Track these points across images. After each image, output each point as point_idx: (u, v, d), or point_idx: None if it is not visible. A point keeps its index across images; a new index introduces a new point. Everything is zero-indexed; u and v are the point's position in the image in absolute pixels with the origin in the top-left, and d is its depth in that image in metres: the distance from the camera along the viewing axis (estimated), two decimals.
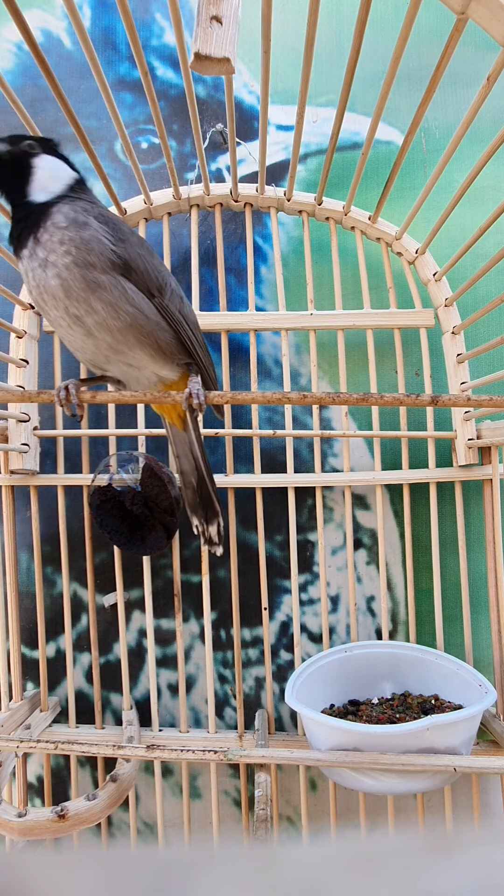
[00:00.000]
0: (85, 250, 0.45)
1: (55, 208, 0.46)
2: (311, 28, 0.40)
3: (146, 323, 0.48)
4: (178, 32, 0.40)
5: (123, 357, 0.50)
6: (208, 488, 0.62)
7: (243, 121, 0.75)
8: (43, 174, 0.48)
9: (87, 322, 0.47)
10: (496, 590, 0.66)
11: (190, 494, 0.62)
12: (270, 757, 0.52)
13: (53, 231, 0.45)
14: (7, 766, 0.57)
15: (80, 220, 0.46)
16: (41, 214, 0.46)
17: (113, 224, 0.48)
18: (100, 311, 0.46)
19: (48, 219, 0.46)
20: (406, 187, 0.74)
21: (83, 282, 0.45)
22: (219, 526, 0.63)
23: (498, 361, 0.73)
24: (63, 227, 0.45)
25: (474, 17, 0.36)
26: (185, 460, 0.61)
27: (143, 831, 0.72)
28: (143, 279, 0.48)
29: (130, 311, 0.47)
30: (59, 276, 0.45)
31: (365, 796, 0.67)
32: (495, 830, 0.15)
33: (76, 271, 0.45)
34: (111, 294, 0.46)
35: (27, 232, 0.46)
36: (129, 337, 0.48)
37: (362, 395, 0.46)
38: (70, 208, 0.46)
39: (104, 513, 0.65)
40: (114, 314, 0.46)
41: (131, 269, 0.48)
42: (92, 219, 0.47)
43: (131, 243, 0.48)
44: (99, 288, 0.46)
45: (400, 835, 0.35)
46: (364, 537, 0.73)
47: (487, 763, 0.49)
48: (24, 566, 0.73)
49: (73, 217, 0.46)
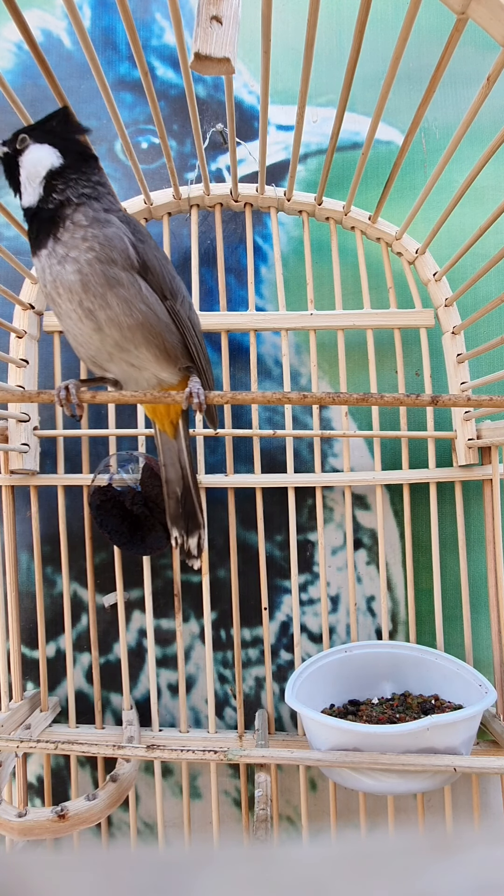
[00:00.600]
0: (108, 247, 0.46)
1: (71, 208, 0.46)
2: (311, 28, 0.40)
3: (157, 323, 0.48)
4: (178, 32, 0.40)
5: (127, 356, 0.49)
6: (193, 499, 0.61)
7: (243, 121, 0.75)
8: (25, 173, 0.48)
9: (99, 316, 0.47)
10: (496, 590, 0.66)
11: (173, 504, 0.61)
12: (270, 757, 0.52)
13: (75, 229, 0.46)
14: (7, 766, 0.57)
15: (103, 218, 0.46)
16: (57, 214, 0.46)
17: (133, 224, 0.48)
18: (114, 306, 0.46)
19: (67, 218, 0.46)
20: (406, 187, 0.74)
21: (103, 277, 0.46)
22: (199, 538, 0.61)
23: (498, 361, 0.73)
24: (85, 225, 0.46)
25: (474, 17, 0.36)
26: (172, 469, 0.60)
27: (143, 831, 0.72)
28: (157, 280, 0.49)
29: (143, 310, 0.47)
30: (79, 272, 0.45)
31: (365, 796, 0.67)
32: (495, 830, 0.15)
33: (97, 267, 0.45)
34: (128, 291, 0.46)
35: (45, 232, 0.47)
36: (138, 335, 0.48)
37: (362, 395, 0.46)
38: (89, 206, 0.47)
39: (104, 513, 0.65)
40: (127, 311, 0.47)
41: (148, 269, 0.48)
42: (114, 217, 0.47)
43: (149, 245, 0.49)
44: (118, 284, 0.46)
45: (400, 835, 0.35)
46: (364, 537, 0.73)
47: (487, 763, 0.49)
48: (24, 566, 0.73)
49: (94, 216, 0.46)
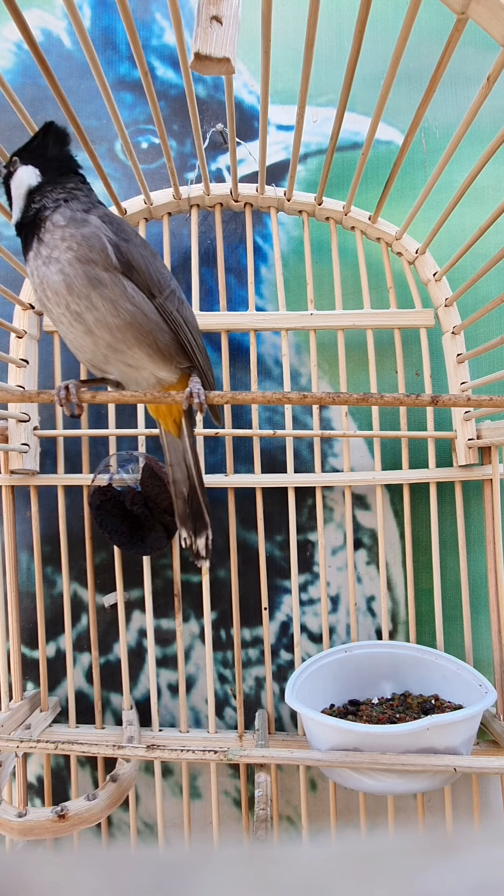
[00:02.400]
0: (86, 247, 0.46)
1: (49, 210, 0.47)
2: (311, 28, 0.40)
3: (146, 322, 0.48)
4: (178, 32, 0.40)
5: (122, 356, 0.50)
6: (199, 499, 0.60)
7: (243, 121, 0.75)
8: (14, 193, 0.50)
9: (87, 319, 0.47)
10: (496, 590, 0.66)
11: (181, 505, 0.61)
12: (270, 757, 0.52)
13: (54, 229, 0.46)
14: (7, 766, 0.57)
15: (79, 218, 0.47)
16: (38, 217, 0.47)
17: (116, 224, 0.48)
18: (100, 307, 0.46)
19: (47, 219, 0.47)
20: (406, 187, 0.74)
21: (85, 277, 0.46)
22: (207, 539, 0.61)
23: (498, 361, 0.73)
24: (62, 225, 0.46)
25: (474, 17, 0.36)
26: (178, 469, 0.60)
27: (143, 831, 0.72)
28: (143, 279, 0.49)
29: (130, 310, 0.47)
30: (61, 272, 0.46)
31: (365, 796, 0.67)
32: (495, 830, 0.15)
33: (78, 267, 0.46)
34: (111, 291, 0.47)
35: (31, 236, 0.48)
36: (129, 335, 0.48)
37: (362, 395, 0.46)
38: (67, 207, 0.47)
39: (104, 513, 0.65)
40: (113, 311, 0.47)
41: (132, 268, 0.48)
42: (93, 217, 0.47)
43: (134, 244, 0.49)
44: (100, 284, 0.46)
45: (400, 835, 0.35)
46: (364, 537, 0.73)
47: (487, 763, 0.49)
48: (24, 566, 0.73)
49: (71, 215, 0.47)
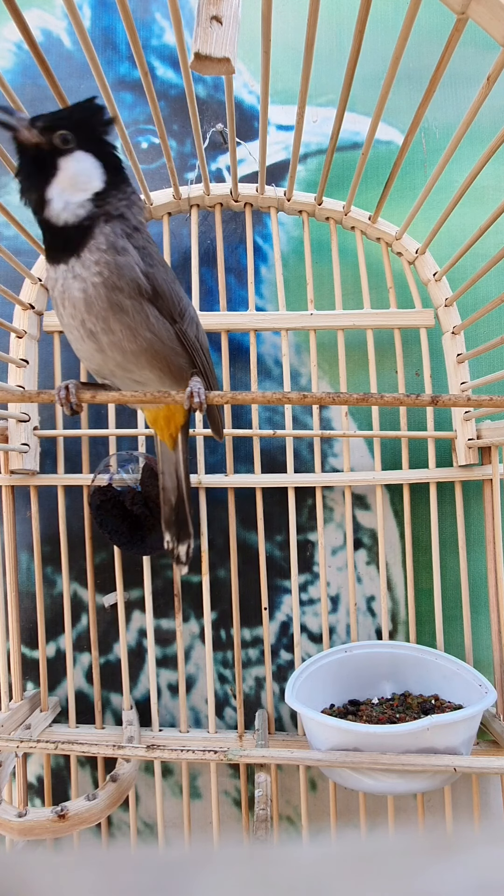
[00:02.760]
0: (116, 275, 0.44)
1: (98, 228, 0.44)
2: (311, 28, 0.40)
3: (161, 348, 0.48)
4: (178, 32, 0.40)
5: (131, 374, 0.49)
6: (185, 510, 0.61)
7: (243, 121, 0.75)
8: (64, 182, 0.43)
9: (101, 339, 0.46)
10: (496, 590, 0.66)
11: (167, 511, 0.62)
12: (270, 757, 0.52)
13: (94, 251, 0.44)
14: (7, 766, 0.57)
15: (120, 246, 0.45)
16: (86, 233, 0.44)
17: (145, 250, 0.47)
18: (117, 332, 0.46)
19: (91, 238, 0.44)
20: (406, 187, 0.74)
21: (107, 302, 0.45)
22: (188, 547, 0.62)
23: (498, 361, 0.73)
24: (103, 249, 0.44)
25: (474, 17, 0.36)
26: (169, 478, 0.61)
27: (143, 831, 0.72)
28: (167, 305, 0.48)
29: (148, 337, 0.47)
30: (84, 291, 0.44)
31: (365, 796, 0.67)
32: (495, 830, 0.15)
33: (102, 291, 0.44)
34: (132, 319, 0.46)
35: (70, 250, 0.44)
36: (142, 359, 0.48)
37: (362, 395, 0.46)
38: (111, 229, 0.45)
39: (104, 513, 0.65)
40: (131, 337, 0.46)
41: (158, 295, 0.47)
42: (131, 246, 0.45)
43: (158, 269, 0.47)
44: (121, 311, 0.45)
45: (400, 835, 0.35)
46: (364, 537, 0.73)
47: (487, 763, 0.49)
48: (24, 566, 0.73)
49: (113, 241, 0.44)
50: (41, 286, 0.67)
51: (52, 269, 0.46)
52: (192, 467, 0.71)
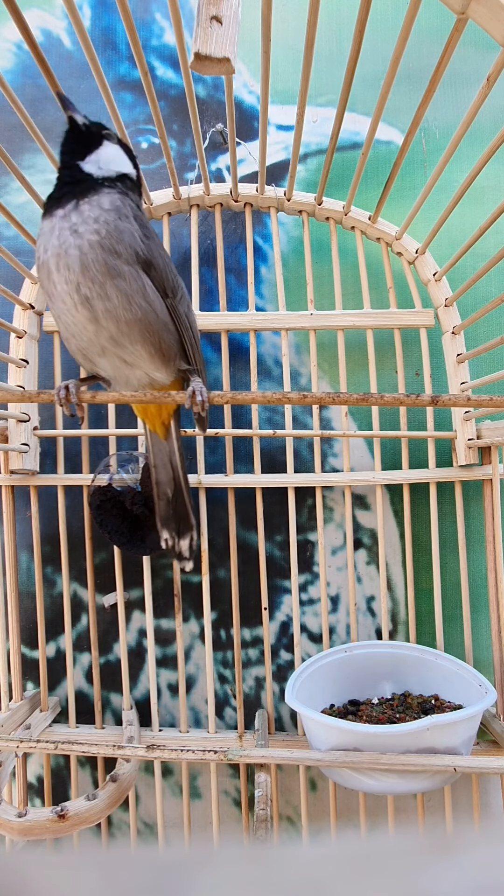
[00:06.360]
0: (115, 239, 0.45)
1: (106, 190, 0.47)
2: (311, 28, 0.40)
3: (155, 321, 0.48)
4: (178, 32, 0.40)
5: (122, 351, 0.49)
6: (184, 500, 0.60)
7: (243, 121, 0.75)
8: (106, 153, 0.49)
9: (96, 306, 0.46)
10: (496, 590, 0.66)
11: (163, 506, 0.60)
12: (270, 757, 0.52)
13: (95, 208, 0.46)
14: (7, 766, 0.57)
15: (123, 213, 0.46)
16: (91, 188, 0.47)
17: (145, 228, 0.49)
18: (113, 298, 0.46)
19: (96, 195, 0.46)
20: (406, 187, 0.74)
21: (104, 265, 0.45)
22: (192, 540, 0.60)
23: (498, 361, 0.73)
24: (106, 209, 0.46)
25: (474, 17, 0.36)
26: (163, 470, 0.59)
27: (143, 831, 0.72)
28: (160, 277, 0.49)
29: (143, 306, 0.47)
30: (80, 249, 0.45)
31: (365, 796, 0.67)
32: (495, 830, 0.15)
33: (100, 253, 0.45)
34: (129, 285, 0.46)
35: (71, 197, 0.46)
36: (135, 331, 0.47)
37: (362, 395, 0.46)
38: (119, 198, 0.47)
39: (104, 513, 0.65)
40: (126, 305, 0.46)
41: (152, 265, 0.48)
42: (132, 217, 0.47)
43: (154, 242, 0.49)
44: (118, 276, 0.46)
45: (400, 835, 0.35)
46: (364, 537, 0.73)
47: (487, 763, 0.49)
48: (24, 566, 0.73)
49: (118, 206, 0.46)
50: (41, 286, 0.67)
51: (48, 220, 0.47)
52: (192, 467, 0.72)
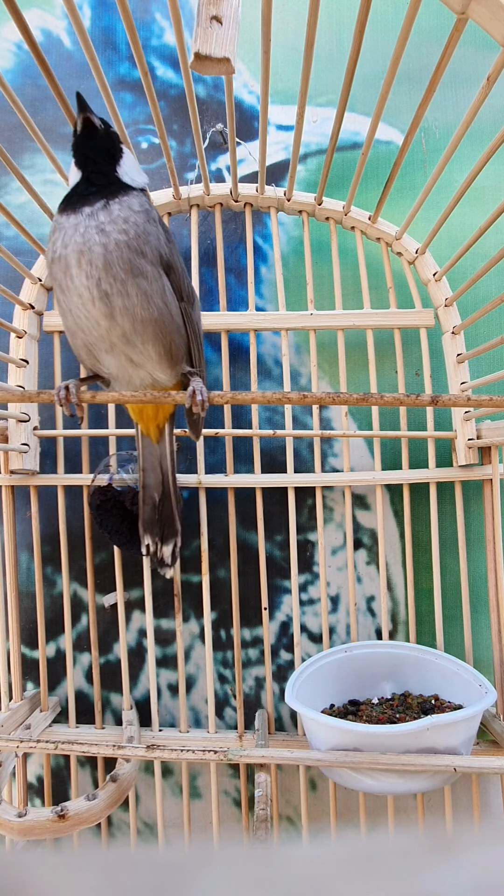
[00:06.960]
0: (142, 239, 0.46)
1: (135, 193, 0.48)
2: (311, 28, 0.40)
3: (170, 322, 0.49)
4: (178, 32, 0.40)
5: (131, 350, 0.49)
6: (171, 505, 0.59)
7: (243, 121, 0.75)
8: (130, 164, 0.51)
9: (114, 302, 0.46)
10: (496, 590, 0.66)
11: (148, 510, 0.60)
12: (270, 757, 0.52)
13: (125, 209, 0.47)
14: (7, 766, 0.57)
15: (152, 216, 0.48)
16: (122, 191, 0.48)
17: (165, 227, 0.51)
18: (133, 296, 0.46)
19: (126, 196, 0.47)
20: (406, 187, 0.74)
21: (129, 264, 0.46)
22: (175, 546, 0.60)
23: (498, 361, 0.73)
24: (136, 210, 0.47)
25: (474, 17, 0.36)
26: (152, 474, 0.59)
27: (143, 831, 0.72)
28: (178, 281, 0.50)
29: (160, 307, 0.48)
30: (104, 247, 0.45)
31: (365, 796, 0.67)
32: (495, 830, 0.15)
33: (125, 251, 0.46)
34: (150, 285, 0.47)
35: (100, 196, 0.47)
36: (149, 330, 0.48)
37: (362, 395, 0.46)
38: (147, 202, 0.49)
39: (104, 513, 0.65)
40: (145, 304, 0.47)
41: (172, 268, 0.49)
42: (158, 220, 0.49)
43: (174, 247, 0.51)
44: (141, 275, 0.46)
45: (400, 835, 0.35)
46: (364, 537, 0.73)
47: (487, 763, 0.49)
48: (24, 566, 0.73)
49: (147, 209, 0.48)
50: (41, 286, 0.67)
51: (71, 216, 0.47)
52: (192, 467, 0.72)
